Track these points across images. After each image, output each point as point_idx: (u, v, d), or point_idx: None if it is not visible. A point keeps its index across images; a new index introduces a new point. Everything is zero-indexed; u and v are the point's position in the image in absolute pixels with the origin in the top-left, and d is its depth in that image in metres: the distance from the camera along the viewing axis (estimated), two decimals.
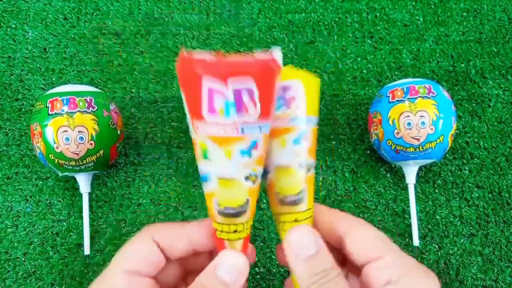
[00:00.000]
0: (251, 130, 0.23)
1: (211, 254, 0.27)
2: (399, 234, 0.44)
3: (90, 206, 0.44)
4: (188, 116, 0.24)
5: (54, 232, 0.44)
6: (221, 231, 0.26)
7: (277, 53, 0.22)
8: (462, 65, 0.50)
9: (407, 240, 0.44)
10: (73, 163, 0.39)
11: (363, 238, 0.25)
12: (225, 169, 0.25)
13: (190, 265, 0.29)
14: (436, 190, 0.46)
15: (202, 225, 0.27)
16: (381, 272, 0.24)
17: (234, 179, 0.25)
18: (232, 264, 0.25)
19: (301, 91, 0.27)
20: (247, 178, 0.25)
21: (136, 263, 0.25)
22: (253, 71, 0.22)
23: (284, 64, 0.26)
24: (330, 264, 0.24)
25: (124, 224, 0.44)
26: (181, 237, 0.26)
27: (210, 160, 0.25)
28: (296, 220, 0.27)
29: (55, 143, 0.38)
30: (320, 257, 0.24)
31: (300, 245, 0.25)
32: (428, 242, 0.44)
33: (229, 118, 0.23)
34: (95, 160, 0.40)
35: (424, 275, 0.24)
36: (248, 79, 0.22)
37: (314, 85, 0.28)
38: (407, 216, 0.45)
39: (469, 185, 0.46)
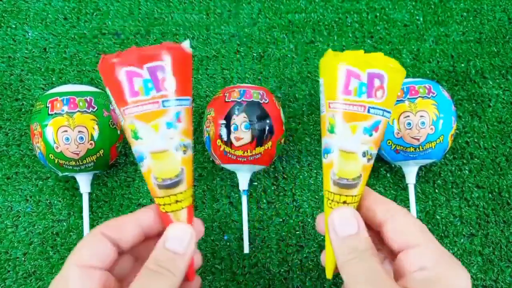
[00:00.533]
0: (171, 104, 0.27)
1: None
2: None
3: (90, 206, 0.44)
4: (116, 109, 0.28)
5: (54, 232, 0.44)
6: (164, 205, 0.28)
7: (185, 43, 0.28)
8: (462, 65, 0.50)
9: None
10: (73, 163, 0.39)
11: (404, 225, 0.27)
12: (155, 143, 0.28)
13: (143, 253, 0.29)
14: (436, 190, 0.46)
15: (149, 208, 0.29)
16: (417, 259, 0.25)
17: (165, 151, 0.28)
18: (180, 234, 0.27)
19: (387, 81, 0.28)
20: (177, 148, 0.28)
21: (88, 258, 0.26)
22: (162, 52, 0.27)
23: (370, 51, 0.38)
24: (367, 245, 0.26)
25: None
26: (130, 223, 0.28)
27: (142, 138, 0.28)
28: (344, 202, 0.29)
29: (55, 143, 0.38)
30: (360, 237, 0.26)
31: (343, 224, 0.27)
32: None
33: (149, 95, 0.27)
34: (95, 160, 0.40)
35: (458, 268, 0.25)
36: (158, 58, 0.27)
37: (399, 78, 0.29)
38: None
39: (469, 185, 0.46)
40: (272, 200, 0.45)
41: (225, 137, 0.38)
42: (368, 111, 0.28)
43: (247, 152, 0.38)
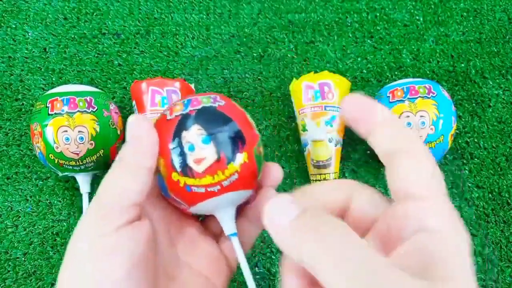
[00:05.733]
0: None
1: None
2: None
3: None
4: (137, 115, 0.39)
5: (54, 232, 0.44)
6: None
7: (191, 84, 0.44)
8: (462, 65, 0.50)
9: None
10: (73, 163, 0.39)
11: (418, 170, 0.19)
12: None
13: None
14: None
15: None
16: (416, 216, 0.18)
17: None
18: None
19: (333, 87, 0.42)
20: None
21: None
22: (176, 84, 0.42)
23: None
24: (326, 215, 0.18)
25: None
26: None
27: None
28: (325, 179, 0.42)
29: (55, 143, 0.38)
30: (306, 215, 0.18)
31: (278, 212, 0.19)
32: None
33: (164, 108, 0.40)
34: (95, 160, 0.40)
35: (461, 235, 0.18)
36: (174, 86, 0.42)
37: (345, 86, 0.43)
38: None
39: (469, 185, 0.46)
40: None
41: (179, 166, 0.25)
42: (325, 109, 0.42)
43: (218, 176, 0.25)
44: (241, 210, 0.29)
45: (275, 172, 0.28)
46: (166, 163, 0.25)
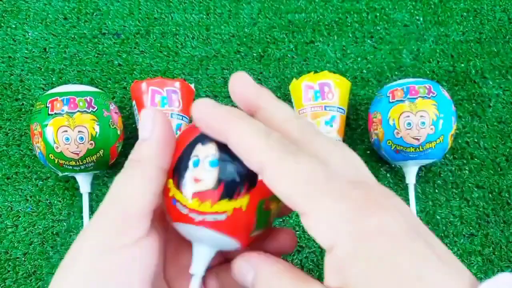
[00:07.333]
0: (176, 117, 0.42)
1: None
2: None
3: (90, 206, 0.44)
4: (137, 115, 0.43)
5: (54, 232, 0.44)
6: None
7: (191, 85, 0.44)
8: (462, 65, 0.50)
9: None
10: (73, 163, 0.39)
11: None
12: None
13: None
14: (436, 190, 0.46)
15: None
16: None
17: None
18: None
19: (334, 87, 0.42)
20: None
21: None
22: (176, 84, 0.42)
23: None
24: None
25: None
26: None
27: None
28: None
29: (55, 143, 0.38)
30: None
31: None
32: None
33: (163, 108, 0.42)
34: (95, 160, 0.40)
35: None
36: (174, 86, 0.42)
37: (345, 86, 0.43)
38: None
39: (469, 185, 0.46)
40: None
41: (178, 176, 0.22)
42: (325, 109, 0.42)
43: (205, 206, 0.22)
44: (226, 263, 0.25)
45: (284, 239, 0.25)
46: (171, 167, 0.23)
